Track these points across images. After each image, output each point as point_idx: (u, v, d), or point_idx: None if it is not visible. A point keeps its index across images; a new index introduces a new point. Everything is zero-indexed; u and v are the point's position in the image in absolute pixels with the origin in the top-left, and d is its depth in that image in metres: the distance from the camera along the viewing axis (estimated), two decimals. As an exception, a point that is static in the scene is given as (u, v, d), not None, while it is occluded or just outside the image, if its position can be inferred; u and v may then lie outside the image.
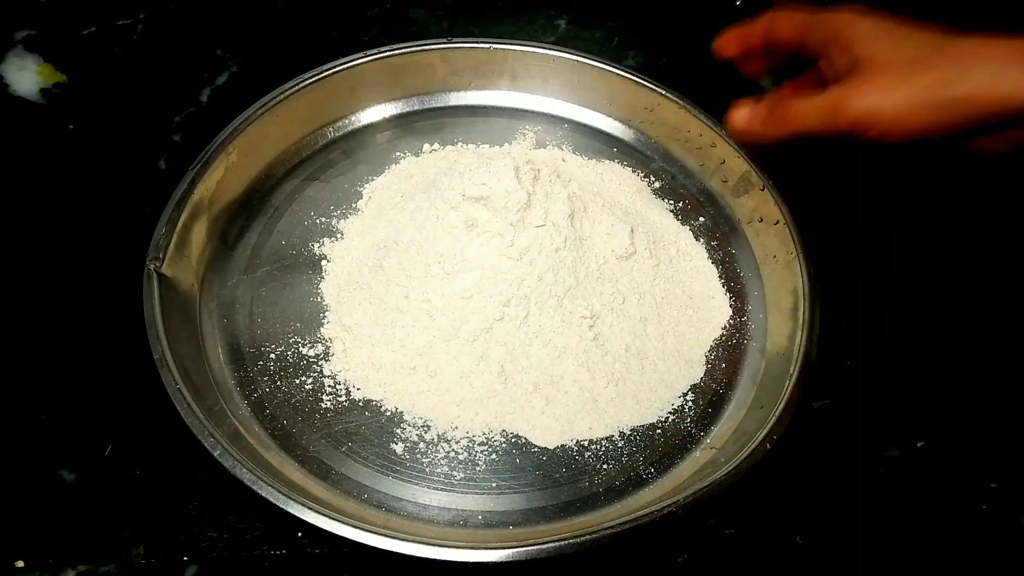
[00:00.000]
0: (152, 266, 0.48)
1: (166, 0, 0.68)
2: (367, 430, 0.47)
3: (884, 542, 0.45)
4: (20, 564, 0.42)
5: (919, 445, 0.48)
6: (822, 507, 0.46)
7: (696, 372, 0.50)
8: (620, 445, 0.47)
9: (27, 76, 0.62)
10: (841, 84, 0.42)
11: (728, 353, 0.51)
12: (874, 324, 0.53)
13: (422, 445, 0.46)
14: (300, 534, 0.43)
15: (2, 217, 0.55)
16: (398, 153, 0.59)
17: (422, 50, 0.59)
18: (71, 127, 0.60)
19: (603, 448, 0.47)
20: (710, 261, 0.54)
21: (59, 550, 0.43)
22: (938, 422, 0.49)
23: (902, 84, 0.40)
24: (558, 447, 0.46)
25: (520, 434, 0.47)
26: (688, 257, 0.54)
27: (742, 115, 0.47)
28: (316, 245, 0.54)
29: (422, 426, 0.47)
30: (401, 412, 0.47)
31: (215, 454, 0.42)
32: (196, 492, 0.45)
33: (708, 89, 0.56)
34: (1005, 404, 0.50)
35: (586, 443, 0.47)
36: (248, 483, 0.41)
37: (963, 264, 0.56)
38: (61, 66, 0.63)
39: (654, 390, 0.48)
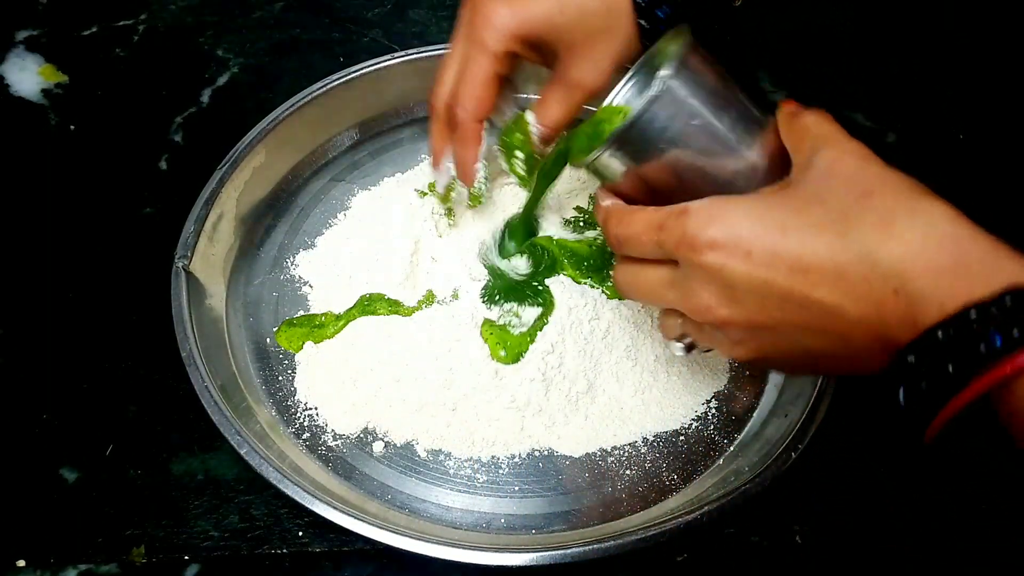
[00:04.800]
0: (180, 264, 0.48)
1: (167, 0, 0.68)
2: (392, 431, 0.47)
3: (883, 542, 0.45)
4: (21, 563, 0.42)
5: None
6: (821, 507, 0.46)
7: (720, 379, 0.49)
8: (643, 451, 0.47)
9: (28, 76, 0.63)
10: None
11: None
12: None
13: (446, 448, 0.46)
14: (300, 533, 0.44)
15: (3, 217, 0.56)
16: (423, 156, 0.59)
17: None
18: (72, 127, 0.60)
19: (626, 454, 0.47)
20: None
21: (60, 549, 0.43)
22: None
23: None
24: (582, 454, 0.46)
25: (548, 445, 0.47)
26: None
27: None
28: (341, 246, 0.54)
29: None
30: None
31: (242, 452, 0.42)
32: (197, 492, 0.45)
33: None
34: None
35: (609, 449, 0.47)
36: (274, 481, 0.41)
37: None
38: (62, 66, 0.64)
39: (678, 397, 0.48)
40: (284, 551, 0.43)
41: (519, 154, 0.46)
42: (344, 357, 0.48)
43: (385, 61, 0.58)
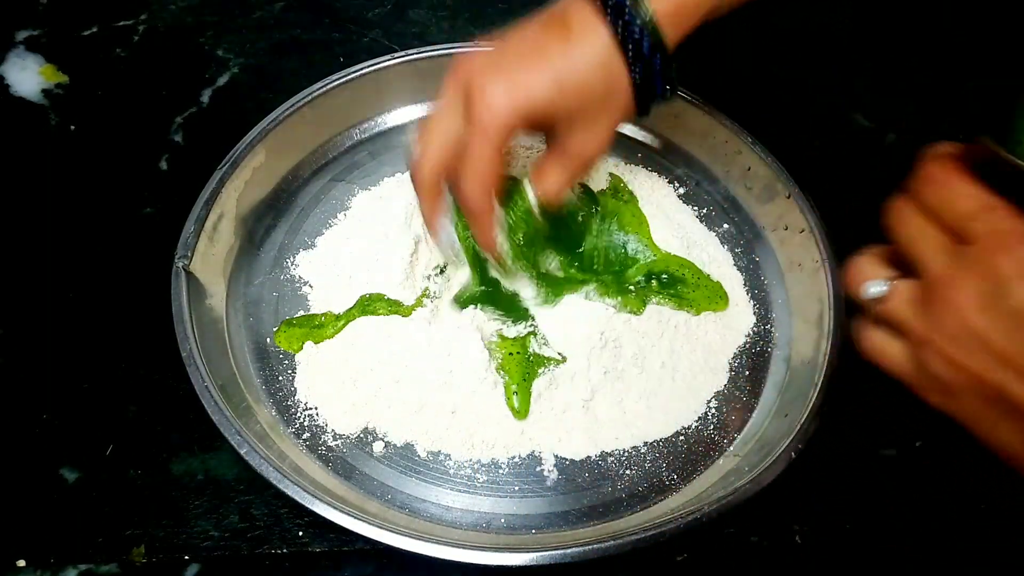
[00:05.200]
0: (181, 264, 0.48)
1: (167, 0, 0.68)
2: (391, 432, 0.47)
3: (883, 542, 0.45)
4: (21, 563, 0.42)
5: (917, 445, 0.48)
6: (821, 507, 0.46)
7: (720, 379, 0.49)
8: (643, 451, 0.47)
9: (29, 77, 0.63)
10: None
11: (752, 360, 0.51)
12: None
13: (445, 449, 0.46)
14: (301, 533, 0.44)
15: (4, 217, 0.56)
16: (423, 156, 0.59)
17: (449, 53, 0.59)
18: (73, 127, 0.60)
19: (626, 454, 0.47)
20: (735, 268, 0.54)
21: (60, 549, 0.43)
22: (937, 422, 0.49)
23: None
24: (583, 457, 0.46)
25: (549, 448, 0.46)
26: (716, 263, 0.54)
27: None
28: (341, 246, 0.54)
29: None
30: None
31: (242, 452, 0.42)
32: (197, 492, 0.45)
33: (730, 95, 0.56)
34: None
35: (610, 449, 0.47)
36: (274, 481, 0.41)
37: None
38: (63, 67, 0.64)
39: (682, 399, 0.48)
40: (284, 551, 0.43)
41: (513, 221, 0.46)
42: (344, 357, 0.48)
43: (385, 61, 0.58)
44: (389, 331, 0.49)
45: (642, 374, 0.48)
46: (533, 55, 0.42)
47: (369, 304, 0.50)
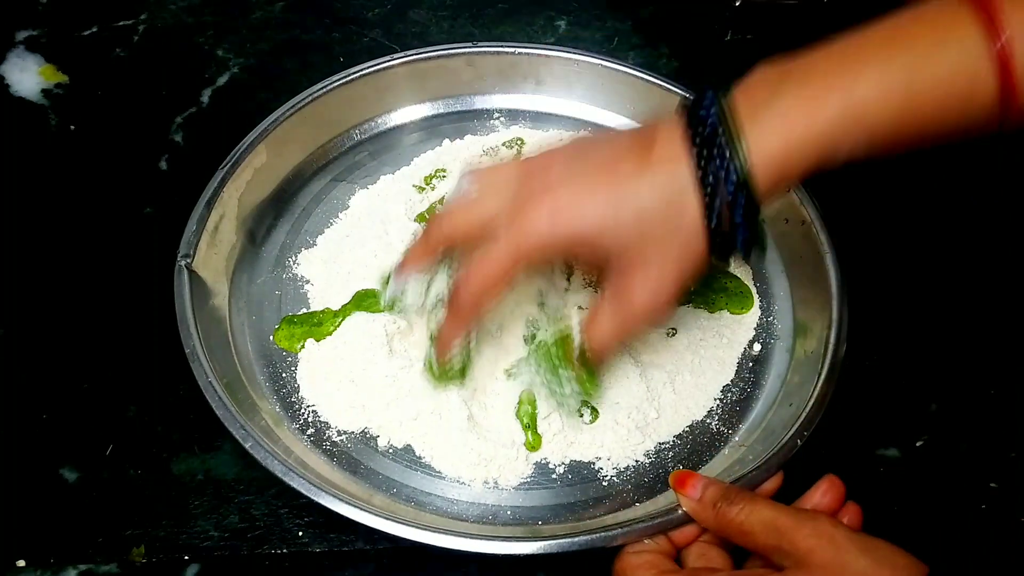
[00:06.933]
0: (183, 262, 0.48)
1: (167, 0, 0.68)
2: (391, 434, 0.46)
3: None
4: (21, 563, 0.42)
5: (918, 444, 0.48)
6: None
7: (727, 373, 0.49)
8: (649, 443, 0.47)
9: (28, 77, 0.63)
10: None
11: (756, 352, 0.51)
12: (880, 324, 0.53)
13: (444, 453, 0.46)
14: (301, 533, 0.43)
15: (3, 218, 0.55)
16: (422, 155, 0.59)
17: (449, 54, 0.60)
18: (72, 128, 0.60)
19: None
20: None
21: (60, 549, 0.43)
22: (937, 422, 0.49)
23: None
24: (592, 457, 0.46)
25: (555, 451, 0.46)
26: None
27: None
28: (342, 246, 0.54)
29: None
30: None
31: (247, 446, 0.42)
32: (197, 492, 0.45)
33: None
34: (1004, 404, 0.50)
35: (617, 459, 0.46)
36: (280, 475, 0.41)
37: (969, 265, 0.56)
38: (63, 67, 0.63)
39: (691, 397, 0.48)
40: (284, 551, 0.43)
41: (561, 373, 0.44)
42: (342, 356, 0.48)
43: (385, 61, 0.59)
44: (385, 331, 0.48)
45: (653, 382, 0.48)
46: (601, 174, 0.38)
47: (364, 300, 0.50)
